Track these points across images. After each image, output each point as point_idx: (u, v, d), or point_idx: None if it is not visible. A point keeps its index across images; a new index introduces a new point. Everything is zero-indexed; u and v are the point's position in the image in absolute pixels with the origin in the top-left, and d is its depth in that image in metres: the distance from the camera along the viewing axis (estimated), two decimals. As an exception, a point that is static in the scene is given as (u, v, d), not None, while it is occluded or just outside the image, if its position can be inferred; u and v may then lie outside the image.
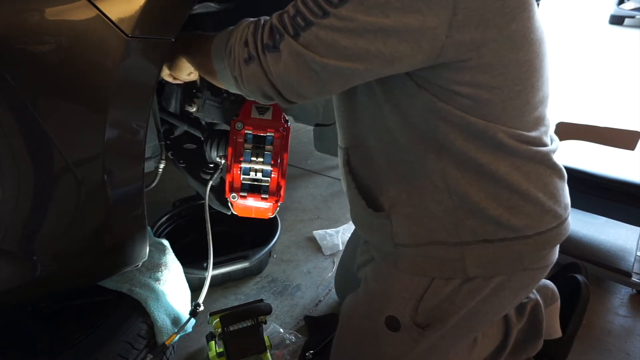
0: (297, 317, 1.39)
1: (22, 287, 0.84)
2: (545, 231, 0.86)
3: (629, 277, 1.46)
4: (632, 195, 1.49)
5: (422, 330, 0.91)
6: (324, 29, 0.70)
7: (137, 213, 0.90)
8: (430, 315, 0.91)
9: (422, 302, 0.91)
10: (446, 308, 0.90)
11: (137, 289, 1.02)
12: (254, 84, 0.79)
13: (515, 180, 0.82)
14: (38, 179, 0.75)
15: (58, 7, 0.68)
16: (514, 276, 0.89)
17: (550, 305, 1.13)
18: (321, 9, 0.70)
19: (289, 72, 0.75)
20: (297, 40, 0.72)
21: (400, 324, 0.92)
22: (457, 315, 0.90)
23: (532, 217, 0.85)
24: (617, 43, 5.90)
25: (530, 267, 0.89)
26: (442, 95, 0.78)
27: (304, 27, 0.72)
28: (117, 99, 0.76)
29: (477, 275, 0.87)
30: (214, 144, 1.20)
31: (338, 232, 1.77)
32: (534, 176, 0.84)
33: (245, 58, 0.77)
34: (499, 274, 0.88)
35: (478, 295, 0.89)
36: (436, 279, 0.89)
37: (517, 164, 0.82)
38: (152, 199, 1.05)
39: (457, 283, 0.88)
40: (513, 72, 0.77)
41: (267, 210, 1.17)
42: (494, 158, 0.81)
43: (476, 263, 0.86)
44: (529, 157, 0.83)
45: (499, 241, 0.84)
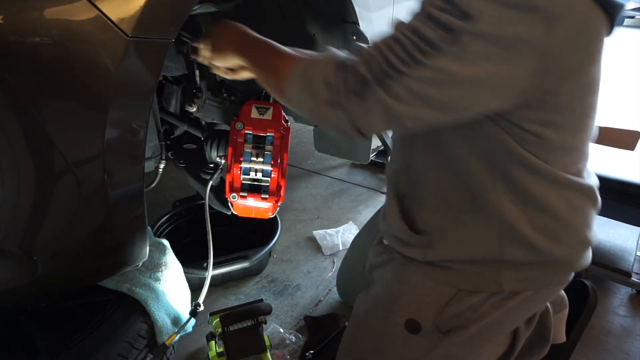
0: (297, 317, 1.39)
1: (22, 287, 0.84)
2: (579, 257, 0.90)
3: (628, 277, 1.46)
4: (632, 195, 1.49)
5: (443, 335, 0.91)
6: (415, 79, 0.69)
7: (137, 213, 0.90)
8: (453, 321, 0.91)
9: (447, 309, 0.91)
10: (469, 316, 0.90)
11: (137, 289, 1.02)
12: (334, 124, 0.78)
13: (563, 212, 0.84)
14: (38, 179, 0.75)
15: (58, 7, 0.68)
16: (541, 291, 0.92)
17: (559, 312, 1.13)
18: (412, 58, 0.68)
19: (376, 122, 0.74)
20: (387, 92, 0.71)
21: (422, 327, 0.92)
22: (480, 323, 0.90)
23: (570, 247, 0.88)
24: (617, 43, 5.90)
25: (557, 283, 0.93)
26: (510, 129, 0.77)
27: (394, 76, 0.70)
28: (117, 99, 0.76)
29: (511, 290, 0.88)
30: (214, 144, 1.20)
31: (338, 232, 1.77)
32: (579, 209, 0.86)
33: (328, 101, 0.76)
34: (530, 289, 0.90)
35: (503, 307, 0.90)
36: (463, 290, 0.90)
37: (568, 195, 0.84)
38: (152, 199, 1.05)
39: (485, 294, 0.89)
40: (578, 113, 0.78)
41: (267, 210, 1.17)
42: (548, 190, 0.82)
43: (513, 278, 0.87)
44: (579, 190, 0.85)
45: (537, 263, 0.87)
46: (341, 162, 2.48)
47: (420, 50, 0.68)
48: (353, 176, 2.38)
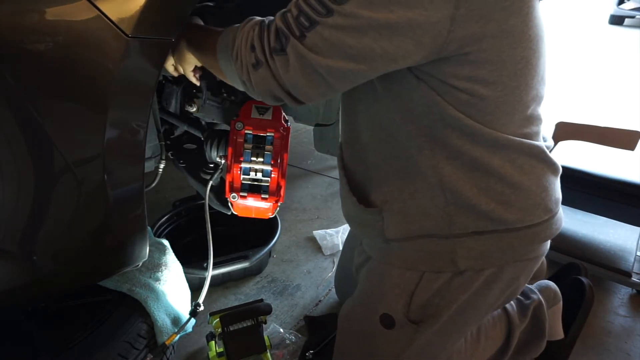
0: (297, 317, 1.39)
1: (22, 287, 0.84)
2: (535, 224, 0.87)
3: (629, 277, 1.46)
4: (632, 195, 1.49)
5: (417, 326, 0.92)
6: (328, 28, 0.70)
7: (137, 213, 0.90)
8: (423, 310, 0.91)
9: (414, 298, 0.91)
10: (438, 303, 0.90)
11: (137, 289, 1.02)
12: (264, 87, 0.79)
13: (508, 173, 0.83)
14: (38, 179, 0.75)
15: (58, 7, 0.68)
16: (505, 268, 0.89)
17: (552, 306, 1.13)
18: (325, 7, 0.69)
19: (297, 76, 0.75)
20: (302, 42, 0.72)
21: (395, 321, 0.92)
22: (450, 309, 0.90)
23: (523, 210, 0.85)
24: (617, 43, 5.90)
25: (520, 259, 0.89)
26: (440, 89, 0.78)
27: (308, 27, 0.71)
28: (117, 99, 0.76)
29: (467, 268, 0.87)
30: (214, 144, 1.20)
31: (338, 232, 1.77)
32: (527, 169, 0.85)
33: (253, 63, 0.77)
34: (490, 266, 0.88)
35: (469, 289, 0.89)
36: (426, 273, 0.90)
37: (511, 156, 0.83)
38: (152, 199, 1.05)
39: (447, 277, 0.89)
40: (509, 68, 0.77)
41: (267, 210, 1.17)
42: (488, 152, 0.81)
43: (466, 256, 0.86)
44: (522, 151, 0.83)
45: (489, 233, 0.85)
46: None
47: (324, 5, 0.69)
48: (353, 176, 2.37)
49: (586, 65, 4.59)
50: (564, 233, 1.63)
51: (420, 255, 0.90)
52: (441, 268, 0.88)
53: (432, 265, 0.89)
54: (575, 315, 1.15)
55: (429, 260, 0.89)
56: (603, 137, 1.88)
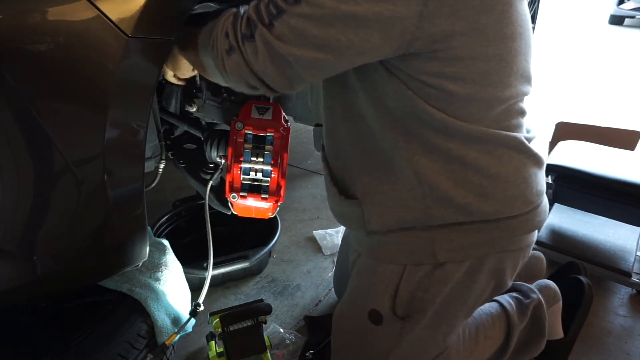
0: (297, 317, 1.39)
1: (22, 287, 0.84)
2: (516, 216, 0.86)
3: (629, 277, 1.46)
4: (632, 195, 1.49)
5: (404, 321, 0.92)
6: (294, 17, 0.71)
7: (137, 213, 0.90)
8: (409, 305, 0.92)
9: (399, 292, 0.92)
10: (422, 297, 0.90)
11: (137, 289, 1.02)
12: (237, 74, 0.79)
13: (485, 165, 0.82)
14: (38, 179, 0.75)
15: (58, 7, 0.68)
16: (487, 259, 0.89)
17: (552, 305, 1.13)
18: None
19: (265, 63, 0.75)
20: (270, 30, 0.73)
21: (382, 316, 0.93)
22: (434, 303, 0.90)
23: (502, 202, 0.85)
24: (617, 43, 5.90)
25: (502, 250, 0.89)
26: (411, 83, 0.78)
27: (276, 15, 0.72)
28: (117, 99, 0.76)
29: (447, 260, 0.87)
30: (214, 144, 1.20)
31: (338, 232, 1.77)
32: (506, 160, 0.84)
33: (226, 49, 0.78)
34: (469, 258, 0.88)
35: (451, 281, 0.89)
36: (409, 266, 0.90)
37: (488, 148, 0.83)
38: (152, 199, 1.05)
39: (428, 269, 0.89)
40: (480, 65, 0.77)
41: (267, 210, 1.17)
42: (463, 144, 0.81)
43: (446, 248, 0.86)
44: (499, 142, 0.83)
45: (469, 224, 0.85)
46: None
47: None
48: (353, 176, 2.37)
49: (586, 65, 4.59)
50: (564, 233, 1.64)
51: (401, 249, 0.90)
52: (421, 261, 0.89)
53: (412, 259, 0.90)
54: (574, 315, 1.15)
55: (410, 253, 0.90)
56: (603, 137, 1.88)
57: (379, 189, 0.90)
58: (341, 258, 1.35)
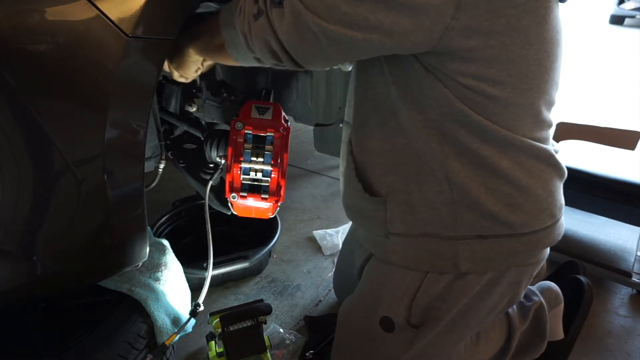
0: (297, 317, 1.39)
1: (22, 287, 0.84)
2: (540, 230, 0.86)
3: (629, 277, 1.46)
4: (632, 195, 1.49)
5: (417, 330, 0.91)
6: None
7: (137, 213, 0.90)
8: (424, 314, 0.91)
9: (415, 302, 0.90)
10: (439, 307, 0.89)
11: (137, 289, 1.02)
12: (262, 38, 0.77)
13: (516, 176, 0.81)
14: (38, 179, 0.75)
15: (58, 7, 0.68)
16: (507, 272, 0.89)
17: (554, 307, 1.13)
18: None
19: (290, 31, 0.74)
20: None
21: (395, 324, 0.91)
22: (450, 313, 0.89)
23: (529, 214, 0.84)
24: (617, 43, 5.90)
25: (522, 263, 0.89)
26: (448, 82, 0.76)
27: None
28: (117, 99, 0.76)
29: (469, 271, 0.86)
30: (214, 144, 1.20)
31: (338, 232, 1.77)
32: (535, 172, 0.83)
33: (254, 14, 0.77)
34: (491, 270, 0.87)
35: (470, 293, 0.88)
36: (429, 275, 0.89)
37: (520, 158, 0.81)
38: (152, 199, 1.05)
39: (449, 280, 0.88)
40: (520, 69, 0.75)
41: (267, 210, 1.17)
42: (498, 152, 0.80)
43: (469, 258, 0.85)
44: (532, 153, 0.82)
45: (494, 237, 0.84)
46: (341, 162, 2.47)
47: None
48: (353, 176, 2.37)
49: (586, 65, 4.59)
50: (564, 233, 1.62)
51: (421, 254, 0.88)
52: (442, 269, 0.87)
53: (434, 266, 0.88)
54: (574, 315, 1.15)
55: (431, 260, 0.88)
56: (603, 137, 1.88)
57: (406, 188, 0.87)
58: (343, 259, 1.35)
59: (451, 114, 0.78)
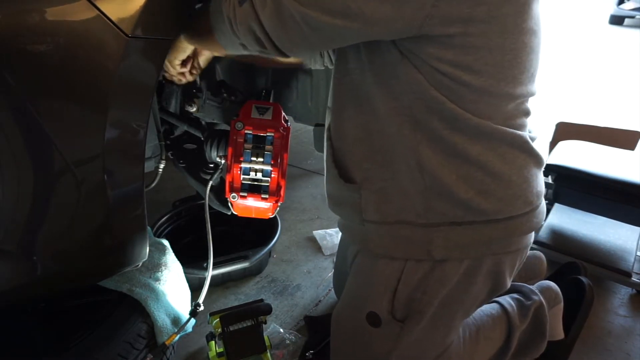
0: (297, 317, 1.39)
1: (22, 287, 0.84)
2: (515, 216, 0.86)
3: (629, 277, 1.46)
4: (632, 195, 1.49)
5: (402, 323, 0.92)
6: None
7: (137, 213, 0.90)
8: (407, 307, 0.91)
9: (397, 294, 0.91)
10: (420, 298, 0.90)
11: (137, 289, 1.02)
12: (246, 25, 0.78)
13: (488, 161, 0.82)
14: (38, 179, 0.75)
15: (58, 7, 0.68)
16: (484, 260, 0.89)
17: (553, 307, 1.13)
18: None
19: (272, 17, 0.74)
20: None
21: (381, 319, 0.92)
22: (433, 305, 0.90)
23: (503, 201, 0.84)
24: (617, 43, 5.90)
25: (500, 251, 0.89)
26: (423, 68, 0.77)
27: None
28: (117, 99, 0.76)
29: (443, 258, 0.87)
30: (214, 144, 1.20)
31: (338, 232, 1.77)
32: (509, 158, 0.84)
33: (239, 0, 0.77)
34: (467, 257, 0.88)
35: (449, 282, 0.89)
36: (407, 265, 0.89)
37: (493, 145, 0.82)
38: (152, 199, 1.05)
39: (426, 269, 0.88)
40: (496, 58, 0.75)
41: (267, 210, 1.17)
42: (469, 139, 0.80)
43: (443, 245, 0.86)
44: (504, 140, 0.82)
45: (468, 224, 0.84)
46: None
47: None
48: (353, 176, 2.37)
49: (586, 65, 4.59)
50: (564, 233, 1.63)
51: (395, 241, 0.89)
52: (417, 256, 0.88)
53: (408, 253, 0.89)
54: (575, 315, 1.15)
55: (405, 246, 0.89)
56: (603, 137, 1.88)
57: (379, 175, 0.88)
58: (339, 258, 1.35)
59: (424, 101, 0.79)
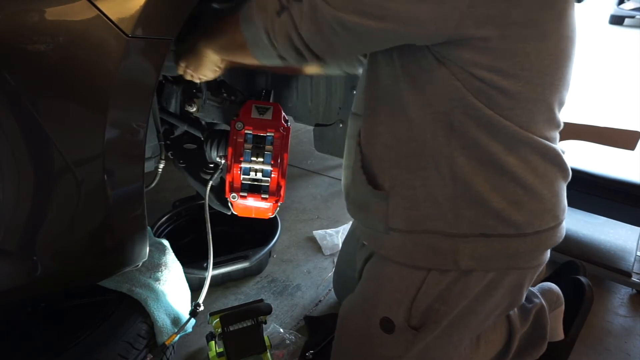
0: (297, 317, 1.39)
1: (22, 287, 0.84)
2: (542, 230, 0.85)
3: (629, 277, 1.46)
4: (632, 195, 1.49)
5: (417, 331, 0.91)
6: None
7: (137, 213, 0.90)
8: (424, 316, 0.90)
9: (416, 303, 0.90)
10: (438, 308, 0.89)
11: (137, 289, 1.02)
12: (285, 35, 0.78)
13: (522, 174, 0.81)
14: (38, 179, 0.75)
15: (58, 7, 0.68)
16: (508, 274, 0.88)
17: (554, 309, 1.12)
18: None
19: (308, 24, 0.75)
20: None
21: (395, 325, 0.91)
22: (450, 315, 0.89)
23: (533, 213, 0.84)
24: (617, 43, 5.90)
25: (523, 266, 0.88)
26: (461, 75, 0.76)
27: None
28: (117, 99, 0.76)
29: (470, 269, 0.86)
30: (214, 144, 1.21)
31: (338, 232, 1.77)
32: (541, 171, 0.83)
33: (277, 10, 0.78)
34: (492, 269, 0.87)
35: (470, 294, 0.88)
36: (430, 276, 0.88)
37: (528, 157, 0.81)
38: (152, 199, 1.05)
39: (449, 280, 0.87)
40: (535, 63, 0.75)
41: (267, 210, 1.17)
42: (504, 148, 0.79)
43: (469, 255, 0.85)
44: (539, 152, 0.82)
45: (497, 237, 0.83)
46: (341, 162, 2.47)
47: None
48: (353, 176, 2.37)
49: (586, 65, 4.59)
50: (564, 233, 1.62)
51: (421, 250, 0.88)
52: (442, 265, 0.87)
53: (432, 262, 0.87)
54: (574, 315, 1.15)
55: (430, 255, 0.87)
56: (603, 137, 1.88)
57: (409, 182, 0.86)
58: (342, 260, 1.35)
59: (461, 108, 0.78)
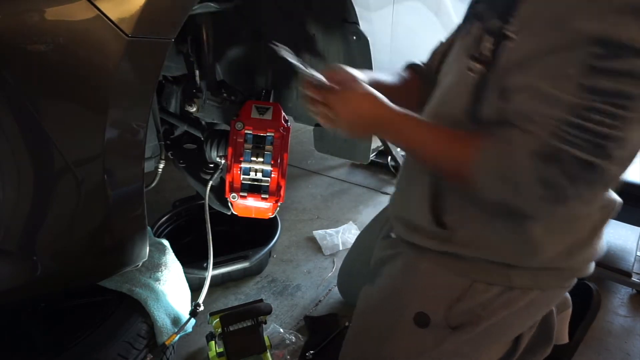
0: (297, 317, 1.39)
1: (22, 287, 0.84)
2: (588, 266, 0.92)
3: (629, 277, 1.46)
4: (632, 195, 1.48)
5: (452, 330, 0.92)
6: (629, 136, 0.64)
7: (137, 213, 0.90)
8: (464, 317, 0.91)
9: (459, 304, 0.91)
10: (479, 313, 0.90)
11: (137, 289, 1.02)
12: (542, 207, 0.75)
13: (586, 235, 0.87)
14: (38, 179, 0.74)
15: (58, 7, 0.68)
16: (547, 292, 0.92)
17: (562, 312, 1.13)
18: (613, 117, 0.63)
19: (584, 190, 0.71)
20: (611, 162, 0.66)
21: (431, 321, 0.92)
22: (488, 322, 0.90)
23: (582, 261, 0.90)
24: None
25: (563, 285, 0.93)
26: None
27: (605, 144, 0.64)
28: (117, 99, 0.76)
29: (519, 286, 0.89)
30: (214, 144, 1.21)
31: (338, 232, 1.77)
32: (599, 225, 0.89)
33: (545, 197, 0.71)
34: (537, 288, 0.90)
35: (513, 307, 0.90)
36: (477, 283, 0.90)
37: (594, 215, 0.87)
38: (152, 199, 1.05)
39: (496, 292, 0.89)
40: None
41: (267, 210, 1.17)
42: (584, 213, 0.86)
43: (521, 276, 0.88)
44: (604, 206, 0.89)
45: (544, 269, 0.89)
46: (341, 162, 2.48)
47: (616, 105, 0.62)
48: (353, 176, 2.38)
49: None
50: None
51: (475, 267, 0.90)
52: (492, 281, 0.89)
53: (485, 277, 0.90)
54: (580, 319, 1.15)
55: (483, 272, 0.90)
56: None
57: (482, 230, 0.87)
58: (352, 260, 1.33)
59: None
